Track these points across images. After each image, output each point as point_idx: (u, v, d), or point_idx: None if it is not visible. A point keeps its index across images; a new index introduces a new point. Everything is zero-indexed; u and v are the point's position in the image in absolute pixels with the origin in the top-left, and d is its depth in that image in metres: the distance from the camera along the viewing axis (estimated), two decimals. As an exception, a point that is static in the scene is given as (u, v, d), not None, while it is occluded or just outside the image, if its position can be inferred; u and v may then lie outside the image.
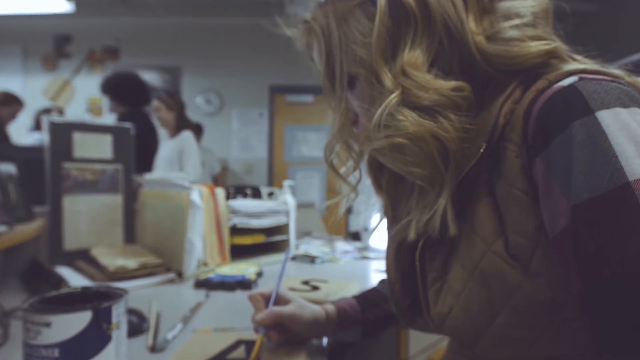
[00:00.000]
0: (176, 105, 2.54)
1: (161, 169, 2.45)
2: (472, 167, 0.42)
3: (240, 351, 0.58)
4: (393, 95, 0.41)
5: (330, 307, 0.66)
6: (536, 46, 0.41)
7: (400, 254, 0.56)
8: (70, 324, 0.41)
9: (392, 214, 0.59)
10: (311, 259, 1.30)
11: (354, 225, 4.37)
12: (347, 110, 0.48)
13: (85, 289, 0.49)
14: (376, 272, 1.18)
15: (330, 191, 4.41)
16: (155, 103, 2.52)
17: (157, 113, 2.53)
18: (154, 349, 0.61)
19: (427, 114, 0.41)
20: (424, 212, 0.46)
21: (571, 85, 0.37)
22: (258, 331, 0.59)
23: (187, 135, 2.48)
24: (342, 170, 0.56)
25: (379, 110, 0.42)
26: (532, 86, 0.40)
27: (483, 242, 0.41)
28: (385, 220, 0.61)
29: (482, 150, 0.41)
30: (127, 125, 1.23)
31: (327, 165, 0.55)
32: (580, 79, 0.38)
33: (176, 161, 2.41)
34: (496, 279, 0.40)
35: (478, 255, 0.41)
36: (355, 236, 3.16)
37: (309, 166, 4.42)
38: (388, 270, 0.58)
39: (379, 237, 1.49)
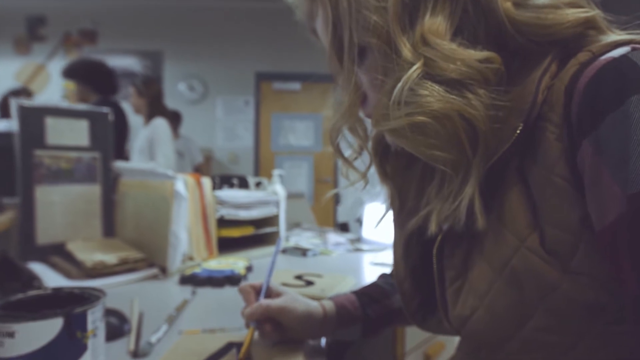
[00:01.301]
0: (147, 91, 2.46)
1: (135, 159, 2.38)
2: (504, 152, 0.37)
3: (232, 355, 0.54)
4: (414, 68, 0.37)
5: (328, 304, 0.62)
6: (573, 14, 0.37)
7: (409, 248, 0.53)
8: (37, 333, 0.36)
9: (399, 205, 0.55)
10: (302, 252, 1.26)
11: (343, 216, 4.36)
12: (358, 87, 0.43)
13: (56, 291, 0.44)
14: (371, 265, 1.15)
15: (318, 182, 4.37)
16: (130, 89, 2.47)
17: (131, 99, 2.47)
18: (136, 354, 0.56)
19: (453, 88, 0.36)
20: (446, 203, 0.41)
21: (624, 57, 0.33)
22: (249, 326, 0.56)
23: (158, 122, 2.40)
24: (348, 155, 0.52)
25: (399, 85, 0.37)
26: (570, 59, 0.36)
27: (515, 236, 0.37)
28: (391, 212, 0.57)
29: (518, 132, 0.37)
30: (105, 109, 1.16)
31: (333, 150, 0.50)
32: (633, 49, 0.34)
33: (147, 150, 2.33)
34: (530, 278, 0.36)
35: (509, 252, 0.38)
36: (344, 227, 3.15)
37: (296, 156, 4.37)
38: (396, 266, 0.54)
39: (374, 229, 1.46)
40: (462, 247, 0.43)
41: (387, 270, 0.73)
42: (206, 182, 1.09)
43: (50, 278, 0.89)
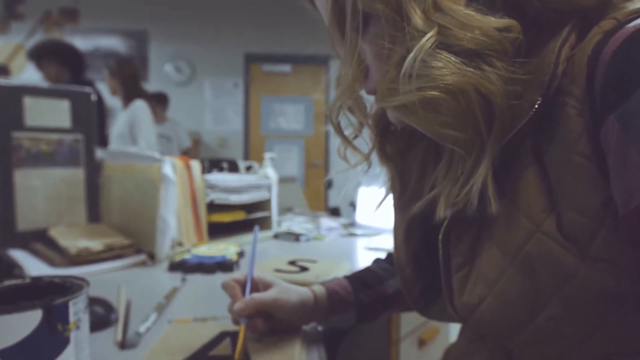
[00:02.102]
0: (120, 72, 2.38)
1: (114, 144, 2.32)
2: (519, 129, 0.35)
3: (226, 345, 0.52)
4: (428, 36, 0.34)
5: (319, 289, 0.60)
6: None
7: (411, 233, 0.51)
8: (14, 327, 0.34)
9: (400, 187, 0.52)
10: (295, 237, 1.24)
11: (334, 200, 4.35)
12: (361, 60, 0.40)
13: (35, 281, 0.41)
14: (366, 250, 1.13)
15: (309, 166, 4.35)
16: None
17: (106, 81, 2.41)
18: (123, 344, 0.54)
19: (469, 60, 0.34)
20: (455, 185, 0.39)
21: None
22: (239, 322, 0.53)
23: (137, 105, 2.32)
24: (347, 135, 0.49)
25: (411, 56, 0.34)
26: (590, 29, 0.34)
27: (530, 220, 0.35)
28: (391, 195, 0.55)
29: (536, 106, 0.34)
30: (88, 89, 1.12)
31: (334, 128, 0.48)
32: None
33: (127, 135, 2.27)
34: (545, 264, 0.34)
35: (522, 237, 0.35)
36: (335, 212, 3.14)
37: (287, 140, 4.32)
38: (397, 252, 0.52)
39: (370, 213, 1.44)
40: (469, 233, 0.41)
41: (382, 255, 0.72)
42: (195, 165, 1.05)
43: (32, 266, 0.85)
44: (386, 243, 1.17)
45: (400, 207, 0.53)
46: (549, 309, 0.35)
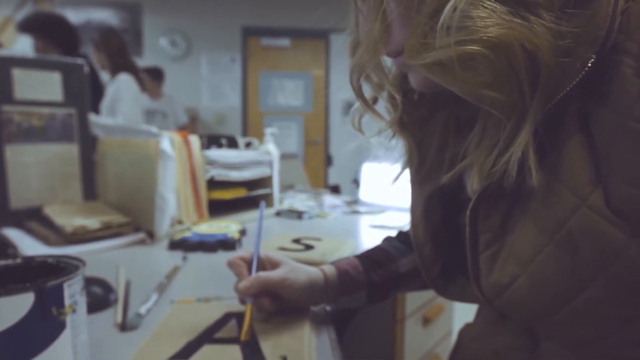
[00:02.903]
0: (106, 45, 2.31)
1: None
2: (567, 92, 0.32)
3: (231, 326, 0.50)
4: None
5: (329, 269, 0.57)
6: None
7: (430, 209, 0.48)
8: (4, 311, 0.31)
9: (419, 160, 0.49)
10: (298, 214, 1.22)
11: (334, 178, 4.33)
12: (386, 15, 0.36)
13: (26, 261, 0.39)
14: (370, 228, 1.11)
15: (308, 143, 4.30)
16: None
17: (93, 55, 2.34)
18: (124, 326, 0.52)
19: (515, 10, 0.30)
20: (490, 155, 0.36)
21: None
22: (245, 302, 0.51)
23: (121, 78, 2.25)
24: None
25: (450, 4, 0.31)
26: None
27: (573, 194, 0.32)
28: (408, 169, 0.52)
29: (589, 66, 0.31)
30: (80, 60, 1.07)
31: (354, 92, 0.44)
32: None
33: (111, 110, 2.21)
34: (590, 242, 0.31)
35: (565, 212, 0.32)
36: (335, 189, 3.12)
37: (286, 116, 4.26)
38: (414, 229, 0.50)
39: (371, 190, 1.42)
40: (501, 207, 0.38)
41: (388, 233, 0.69)
42: (194, 140, 1.02)
43: (27, 245, 0.83)
44: (391, 221, 1.15)
45: (418, 182, 0.50)
46: (591, 290, 0.32)
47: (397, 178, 0.52)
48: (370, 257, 0.62)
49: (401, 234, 0.70)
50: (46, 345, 0.33)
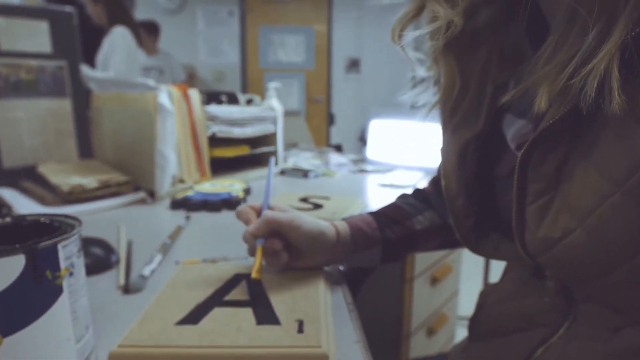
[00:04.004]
0: None
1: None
2: None
3: (242, 288, 0.47)
4: None
5: (342, 225, 0.54)
6: None
7: (466, 157, 0.45)
8: (-8, 274, 0.28)
9: (455, 101, 0.45)
10: (303, 173, 1.19)
11: (336, 137, 4.27)
12: None
13: (17, 220, 0.35)
14: (380, 187, 1.08)
15: (309, 101, 4.21)
16: None
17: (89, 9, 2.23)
18: (127, 289, 0.49)
19: None
20: (566, 69, 0.31)
21: None
22: (252, 250, 0.49)
23: (116, 31, 2.16)
24: None
25: None
26: None
27: None
28: (441, 115, 0.48)
29: None
30: (68, 8, 1.00)
31: None
32: None
33: (104, 64, 2.13)
34: None
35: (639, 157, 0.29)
36: (338, 149, 3.09)
37: (287, 73, 4.15)
38: (447, 181, 0.47)
39: (378, 148, 1.38)
40: (557, 152, 0.34)
41: (398, 192, 0.66)
42: (194, 94, 0.97)
43: (22, 205, 0.80)
44: (401, 179, 1.12)
45: (452, 128, 0.46)
46: None
47: (428, 111, 0.48)
48: (385, 214, 0.59)
49: (417, 192, 0.67)
50: (42, 311, 0.30)
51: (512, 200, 0.40)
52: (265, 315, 0.41)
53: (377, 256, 0.57)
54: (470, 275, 1.85)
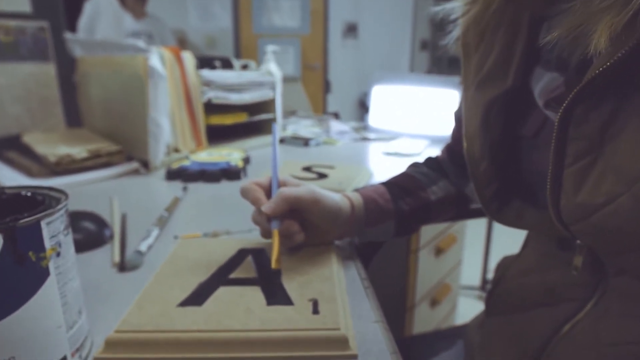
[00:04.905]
0: None
1: None
2: None
3: (248, 265, 0.44)
4: None
5: (355, 197, 0.51)
6: None
7: (491, 118, 0.41)
8: (-36, 257, 0.24)
9: (482, 54, 0.41)
10: (304, 141, 1.14)
11: (333, 105, 4.20)
12: None
13: (-6, 193, 0.31)
14: (384, 155, 1.04)
15: (306, 68, 4.11)
16: None
17: None
18: (123, 266, 0.46)
19: None
20: (628, 6, 0.27)
21: None
22: (270, 230, 0.44)
23: None
24: None
25: None
26: None
27: None
28: (463, 69, 0.44)
29: None
30: (46, -37, 0.93)
31: None
32: None
33: (88, 29, 2.02)
34: None
35: None
36: (335, 117, 3.03)
37: (282, 39, 4.03)
38: (469, 143, 0.43)
39: (381, 116, 1.33)
40: (603, 108, 0.31)
41: (404, 161, 0.62)
42: (188, 57, 0.91)
43: (7, 177, 0.76)
44: (406, 147, 1.08)
45: (478, 84, 0.42)
46: None
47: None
48: (398, 185, 0.56)
49: (430, 160, 0.63)
50: (27, 297, 0.26)
51: (540, 162, 0.37)
52: (276, 295, 0.38)
53: (390, 230, 0.53)
54: (471, 244, 1.84)
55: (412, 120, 1.27)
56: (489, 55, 0.43)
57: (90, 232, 0.51)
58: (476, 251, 2.01)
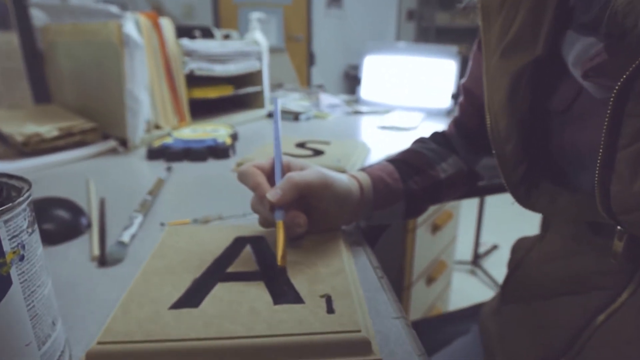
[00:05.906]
0: None
1: None
2: None
3: (247, 256, 0.39)
4: None
5: (364, 178, 0.47)
6: None
7: (518, 92, 0.36)
8: None
9: (504, 20, 0.37)
10: (294, 116, 1.09)
11: (317, 78, 4.11)
12: None
13: (-62, 182, 0.26)
14: (379, 129, 0.99)
15: (289, 39, 3.99)
16: None
17: None
18: (103, 260, 0.41)
19: None
20: None
21: None
22: (273, 220, 0.39)
23: None
24: None
25: None
26: None
27: None
28: (483, 34, 0.40)
29: None
30: None
31: None
32: None
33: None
34: None
35: None
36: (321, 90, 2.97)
37: (263, 7, 3.88)
38: (494, 120, 0.39)
39: (374, 88, 1.28)
40: None
41: (401, 135, 0.58)
42: (166, 24, 0.84)
43: (-31, 158, 0.69)
44: (401, 121, 1.03)
45: (503, 51, 0.38)
46: None
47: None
48: (407, 162, 0.51)
49: (437, 135, 0.59)
50: (-17, 312, 0.21)
51: (573, 140, 0.33)
52: (284, 292, 0.33)
53: (400, 211, 0.50)
54: (464, 218, 1.82)
55: (406, 92, 1.22)
56: (515, 17, 0.38)
57: (63, 222, 0.46)
58: (468, 225, 2.00)
